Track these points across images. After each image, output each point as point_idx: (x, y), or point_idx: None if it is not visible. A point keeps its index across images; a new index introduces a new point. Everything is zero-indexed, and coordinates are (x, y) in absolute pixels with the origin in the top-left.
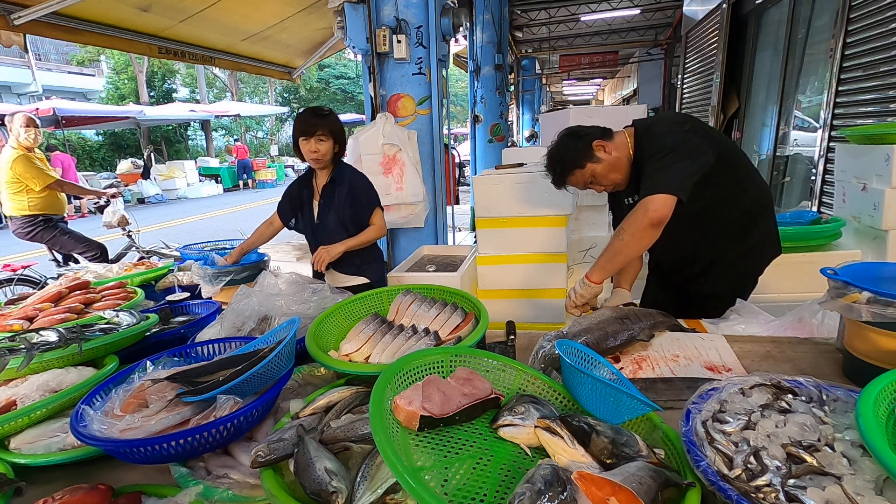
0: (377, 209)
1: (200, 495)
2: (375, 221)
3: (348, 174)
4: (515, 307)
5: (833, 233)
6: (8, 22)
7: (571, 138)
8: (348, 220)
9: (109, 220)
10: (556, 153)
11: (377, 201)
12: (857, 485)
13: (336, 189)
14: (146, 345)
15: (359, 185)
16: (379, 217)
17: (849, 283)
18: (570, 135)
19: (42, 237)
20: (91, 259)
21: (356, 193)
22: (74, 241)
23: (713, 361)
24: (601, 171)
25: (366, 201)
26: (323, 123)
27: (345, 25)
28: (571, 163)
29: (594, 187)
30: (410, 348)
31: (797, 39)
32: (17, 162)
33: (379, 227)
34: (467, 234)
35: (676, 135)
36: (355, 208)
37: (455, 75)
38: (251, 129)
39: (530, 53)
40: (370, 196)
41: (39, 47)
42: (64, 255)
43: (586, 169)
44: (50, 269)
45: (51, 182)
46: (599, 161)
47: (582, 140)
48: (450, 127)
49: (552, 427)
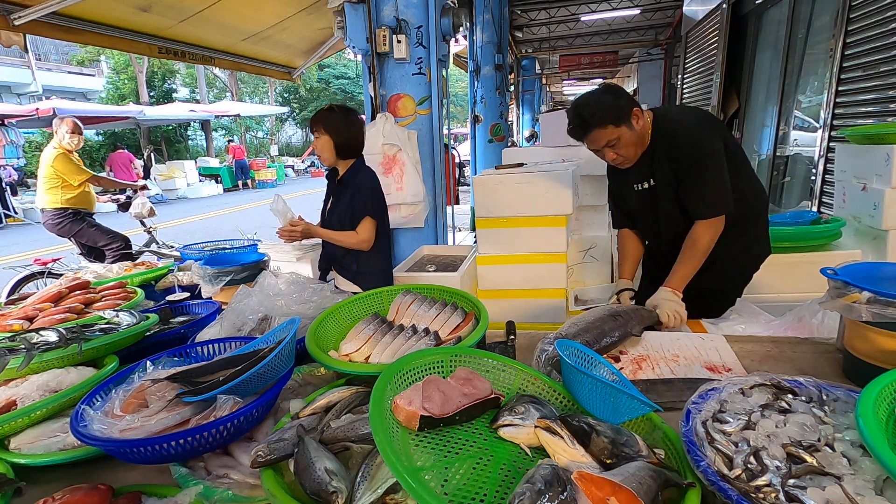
0: (367, 219)
1: (200, 495)
2: (360, 231)
3: (359, 177)
4: (515, 307)
5: (833, 233)
6: (8, 22)
7: (613, 94)
8: (348, 223)
9: (139, 210)
10: (595, 101)
11: (370, 212)
12: (857, 485)
13: (344, 190)
14: (146, 345)
15: (360, 189)
16: (365, 229)
17: (849, 283)
18: (611, 91)
19: (70, 230)
20: (115, 251)
21: (354, 197)
22: (101, 233)
23: (713, 361)
24: (627, 139)
25: (359, 208)
26: (318, 118)
27: (345, 25)
28: (610, 116)
29: (608, 152)
30: (410, 348)
31: (797, 39)
32: (58, 160)
33: (361, 238)
34: (467, 234)
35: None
36: (353, 210)
37: (455, 75)
38: (251, 129)
39: (530, 53)
40: (366, 204)
41: (39, 47)
42: (88, 249)
43: (620, 129)
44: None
45: (88, 177)
46: (632, 128)
47: (623, 99)
48: (450, 127)
49: (552, 427)
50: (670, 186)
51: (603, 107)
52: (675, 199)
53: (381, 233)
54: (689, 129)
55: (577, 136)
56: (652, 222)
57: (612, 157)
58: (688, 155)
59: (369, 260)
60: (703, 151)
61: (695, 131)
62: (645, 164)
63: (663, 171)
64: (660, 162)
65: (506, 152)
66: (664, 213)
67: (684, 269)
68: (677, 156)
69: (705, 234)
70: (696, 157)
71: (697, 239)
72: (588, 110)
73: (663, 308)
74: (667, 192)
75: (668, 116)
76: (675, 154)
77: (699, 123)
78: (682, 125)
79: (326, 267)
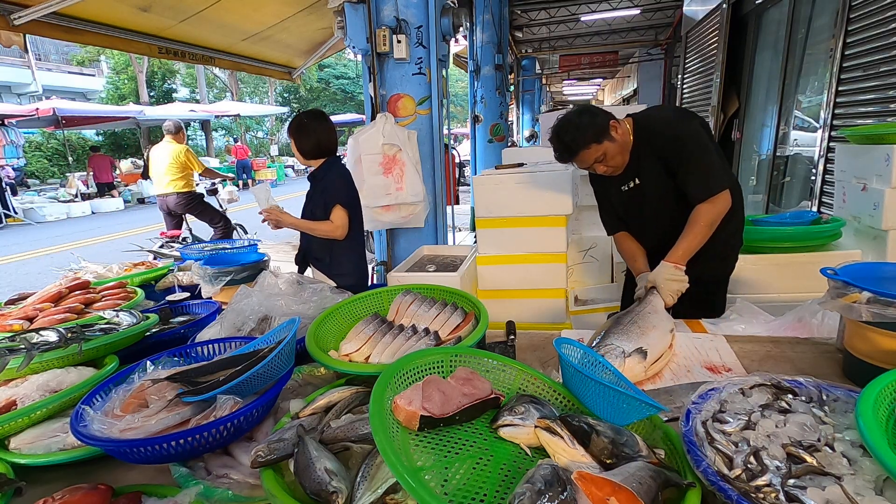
0: (337, 207)
1: (200, 495)
2: (333, 219)
3: (330, 172)
4: (515, 307)
5: (833, 233)
6: (8, 22)
7: (588, 115)
8: (320, 214)
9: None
10: (574, 125)
11: (340, 199)
12: (857, 485)
13: (317, 184)
14: (146, 345)
15: (331, 182)
16: (338, 216)
17: (849, 283)
18: (586, 112)
19: (195, 208)
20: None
21: (326, 189)
22: (212, 211)
23: (713, 361)
24: (612, 151)
25: (330, 198)
26: (288, 127)
27: (345, 25)
28: (591, 136)
29: (598, 167)
30: (410, 348)
31: (797, 39)
32: (187, 154)
33: (335, 225)
34: (467, 234)
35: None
36: (325, 200)
37: (455, 75)
38: (251, 129)
39: (530, 53)
40: (334, 193)
41: (39, 47)
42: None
43: (602, 145)
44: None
45: (205, 168)
46: (613, 140)
47: (600, 117)
48: (450, 127)
49: (552, 427)
50: (657, 182)
51: (582, 128)
52: (661, 194)
53: (354, 226)
54: (670, 122)
55: (564, 160)
56: (638, 221)
57: (604, 170)
58: (675, 145)
59: (342, 251)
60: (687, 137)
61: (674, 122)
62: (631, 165)
63: (650, 168)
64: (646, 160)
65: (506, 152)
66: (650, 210)
67: (686, 244)
68: (664, 149)
69: (708, 212)
70: (682, 144)
71: (700, 215)
72: (569, 136)
73: (664, 289)
74: (653, 189)
75: (648, 115)
76: (662, 148)
77: (677, 115)
78: (661, 120)
79: (303, 262)
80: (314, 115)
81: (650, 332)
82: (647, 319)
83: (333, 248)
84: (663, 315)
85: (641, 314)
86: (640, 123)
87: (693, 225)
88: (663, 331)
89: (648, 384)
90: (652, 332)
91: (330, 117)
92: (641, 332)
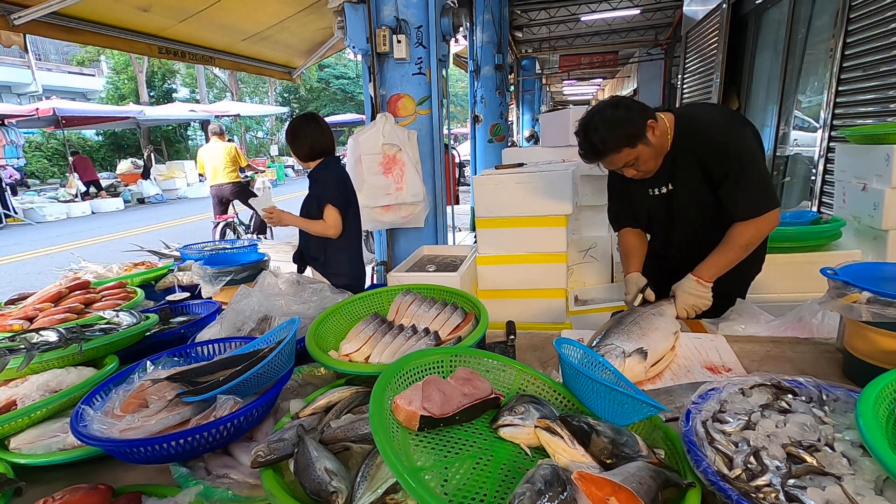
0: (328, 206)
1: (200, 495)
2: (325, 218)
3: (325, 170)
4: (515, 307)
5: (833, 233)
6: (8, 22)
7: (624, 110)
8: (314, 212)
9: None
10: (605, 122)
11: (330, 199)
12: (857, 485)
13: (313, 184)
14: (146, 345)
15: (324, 181)
16: (330, 215)
17: (849, 283)
18: (621, 106)
19: (244, 196)
20: None
21: (319, 188)
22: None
23: (713, 361)
24: (646, 155)
25: (321, 197)
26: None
27: (345, 25)
28: (623, 139)
29: (628, 170)
30: (410, 348)
31: (797, 39)
32: (237, 150)
33: (327, 224)
34: (467, 234)
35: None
36: (318, 200)
37: (455, 75)
38: (251, 129)
39: (530, 53)
40: (326, 193)
41: (39, 47)
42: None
43: (636, 149)
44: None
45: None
46: (649, 144)
47: (636, 114)
48: (450, 127)
49: (552, 427)
50: (694, 191)
51: (614, 128)
52: (698, 204)
53: (348, 224)
54: (720, 127)
55: (590, 161)
56: (665, 228)
57: (633, 174)
58: (722, 155)
59: (337, 250)
60: (738, 147)
61: (725, 128)
62: (664, 169)
63: (688, 176)
64: (684, 165)
65: (506, 152)
66: (680, 216)
67: (717, 261)
68: (709, 157)
69: (750, 233)
70: (732, 155)
71: (740, 235)
72: (598, 136)
73: (680, 301)
74: (687, 197)
75: (693, 115)
76: (706, 155)
77: (727, 119)
78: (709, 124)
79: (301, 261)
80: (305, 120)
81: (651, 334)
82: (649, 321)
83: (328, 247)
84: (670, 320)
85: (645, 315)
86: (683, 124)
87: (729, 244)
88: (665, 333)
89: (648, 384)
90: (653, 333)
91: (323, 118)
92: (643, 332)
